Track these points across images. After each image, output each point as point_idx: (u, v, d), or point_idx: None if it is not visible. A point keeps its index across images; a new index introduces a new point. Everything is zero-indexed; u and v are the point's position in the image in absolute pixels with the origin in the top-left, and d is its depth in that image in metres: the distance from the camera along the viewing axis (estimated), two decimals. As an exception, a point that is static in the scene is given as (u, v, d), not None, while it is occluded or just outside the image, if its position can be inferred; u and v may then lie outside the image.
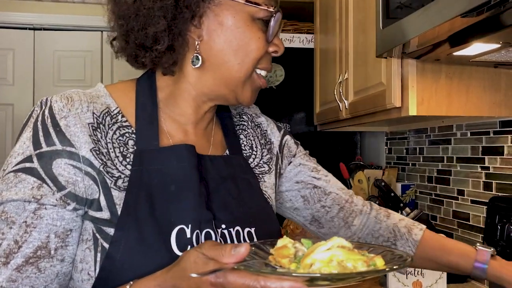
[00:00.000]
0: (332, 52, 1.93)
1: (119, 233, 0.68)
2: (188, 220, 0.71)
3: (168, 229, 0.70)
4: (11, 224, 0.65)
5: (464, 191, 1.63)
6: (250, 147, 0.91)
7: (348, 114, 1.72)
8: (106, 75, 3.14)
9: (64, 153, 0.68)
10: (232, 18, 0.75)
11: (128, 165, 0.73)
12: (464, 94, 1.30)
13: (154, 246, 0.69)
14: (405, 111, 1.29)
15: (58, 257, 0.68)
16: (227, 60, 0.76)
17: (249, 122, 0.94)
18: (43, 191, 0.67)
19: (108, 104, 0.76)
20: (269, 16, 0.76)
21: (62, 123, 0.69)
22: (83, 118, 0.71)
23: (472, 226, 1.59)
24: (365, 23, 1.56)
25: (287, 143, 0.97)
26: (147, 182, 0.72)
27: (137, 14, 0.72)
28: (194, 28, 0.75)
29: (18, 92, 3.08)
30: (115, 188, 0.71)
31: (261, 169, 0.90)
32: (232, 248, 0.55)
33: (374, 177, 1.92)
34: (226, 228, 0.76)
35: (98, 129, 0.72)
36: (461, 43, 1.04)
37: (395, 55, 1.25)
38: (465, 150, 1.62)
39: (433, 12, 0.93)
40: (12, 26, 3.07)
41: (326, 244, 0.56)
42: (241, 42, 0.75)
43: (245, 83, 0.78)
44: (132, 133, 0.75)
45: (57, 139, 0.69)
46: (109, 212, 0.70)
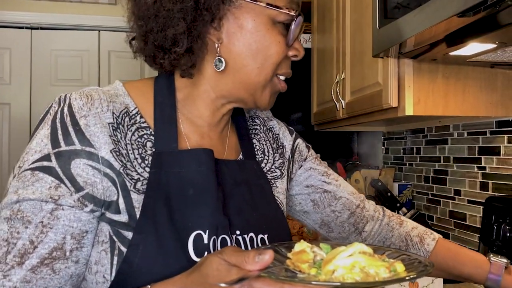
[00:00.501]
0: (329, 51, 1.93)
1: (138, 236, 0.67)
2: (206, 226, 0.70)
3: (185, 234, 0.69)
4: (27, 223, 0.64)
5: (460, 191, 1.63)
6: (262, 151, 0.89)
7: (345, 114, 1.72)
8: (103, 75, 3.13)
9: (83, 153, 0.67)
10: (253, 21, 0.74)
11: (146, 168, 0.71)
12: (460, 94, 1.31)
13: (172, 251, 0.68)
14: (402, 111, 1.29)
15: (73, 258, 0.66)
16: (246, 63, 0.75)
17: (261, 126, 0.93)
18: (60, 192, 0.65)
19: (127, 103, 0.74)
20: (290, 20, 0.74)
21: (82, 122, 0.68)
22: (103, 118, 0.69)
23: (468, 226, 1.59)
24: (361, 23, 1.56)
25: (299, 147, 0.97)
26: (166, 185, 0.71)
27: (157, 15, 0.71)
28: (213, 30, 0.74)
29: (15, 91, 3.07)
30: (134, 191, 0.69)
31: (273, 174, 0.88)
32: (256, 255, 0.54)
33: (371, 177, 1.92)
34: (240, 234, 0.75)
35: (118, 130, 0.71)
36: (458, 43, 1.04)
37: (392, 55, 1.25)
38: (461, 150, 1.63)
39: (429, 11, 0.93)
40: (9, 25, 3.06)
41: (348, 250, 0.55)
42: (261, 46, 0.74)
43: (265, 87, 0.77)
44: (150, 134, 0.74)
45: (76, 138, 0.67)
46: (128, 215, 0.68)
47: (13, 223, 0.64)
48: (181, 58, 0.73)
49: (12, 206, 0.65)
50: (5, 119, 3.06)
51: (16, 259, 0.63)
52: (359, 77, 1.58)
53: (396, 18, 1.08)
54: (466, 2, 0.81)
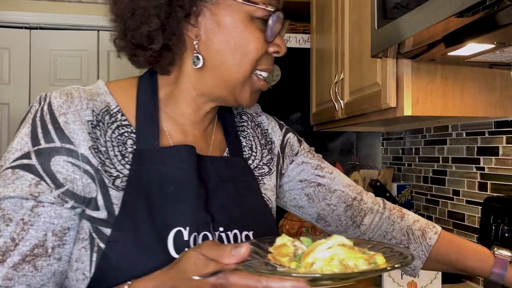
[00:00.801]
0: (328, 52, 1.93)
1: (116, 233, 0.68)
2: (186, 223, 0.71)
3: (165, 231, 0.69)
4: (8, 221, 0.64)
5: (459, 191, 1.63)
6: (249, 148, 0.89)
7: (344, 114, 1.72)
8: (102, 75, 3.13)
9: (63, 150, 0.67)
10: (230, 17, 0.74)
11: (126, 165, 0.72)
12: (459, 94, 1.31)
13: (151, 247, 0.68)
14: (400, 111, 1.29)
15: (55, 255, 0.67)
16: (225, 60, 0.75)
17: (249, 122, 0.93)
18: (41, 189, 0.66)
19: (108, 102, 0.75)
20: (268, 16, 0.74)
21: (61, 120, 0.68)
22: (83, 116, 0.70)
23: (467, 226, 1.59)
24: (360, 23, 1.56)
25: (289, 142, 0.95)
26: (146, 182, 0.71)
27: (133, 13, 0.72)
28: (191, 27, 0.74)
29: (14, 91, 3.07)
30: (113, 188, 0.70)
31: (260, 171, 0.88)
32: (233, 248, 0.54)
33: (370, 177, 1.92)
34: (224, 231, 0.75)
35: (97, 127, 0.71)
36: (456, 43, 1.04)
37: (390, 55, 1.25)
38: (460, 151, 1.63)
39: (428, 11, 0.93)
40: (8, 25, 3.06)
41: (327, 242, 0.56)
42: (239, 42, 0.74)
43: (244, 84, 0.76)
44: (131, 132, 0.75)
45: (56, 136, 0.68)
46: (106, 212, 0.69)
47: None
48: (158, 56, 0.74)
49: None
50: (4, 119, 3.06)
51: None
52: (358, 77, 1.58)
53: (395, 18, 1.08)
54: (464, 2, 0.81)
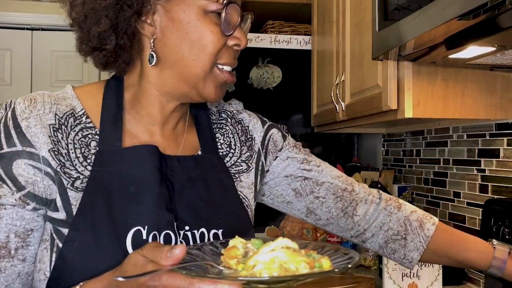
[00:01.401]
0: (329, 53, 1.93)
1: (73, 233, 0.69)
2: (145, 222, 0.71)
3: (124, 230, 0.70)
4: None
5: (460, 193, 1.64)
6: (228, 145, 0.88)
7: (344, 116, 1.72)
8: (103, 76, 3.13)
9: (24, 153, 0.69)
10: (183, 12, 0.73)
11: (88, 166, 0.73)
12: (459, 96, 1.31)
13: (109, 247, 0.68)
14: (401, 113, 1.30)
15: (19, 256, 0.68)
16: (182, 56, 0.74)
17: (228, 119, 0.91)
18: (2, 192, 0.68)
19: (74, 106, 0.76)
20: (221, 8, 0.73)
21: (23, 124, 0.70)
22: (44, 120, 0.71)
23: (468, 228, 1.59)
24: (361, 25, 1.57)
25: (273, 137, 0.93)
26: (107, 183, 0.72)
27: (86, 16, 0.73)
28: (147, 26, 0.74)
29: (15, 92, 3.07)
30: (72, 189, 0.71)
31: (238, 168, 0.87)
32: (169, 250, 0.54)
33: (371, 179, 1.92)
34: (190, 230, 0.75)
35: (60, 130, 0.72)
36: (457, 46, 1.04)
37: (391, 57, 1.25)
38: (461, 153, 1.63)
39: (429, 14, 0.93)
40: (10, 26, 3.07)
41: (270, 245, 0.56)
42: (194, 37, 0.73)
43: (206, 79, 0.75)
44: (95, 134, 0.75)
45: (17, 140, 0.69)
46: (65, 213, 0.70)
47: None
48: (114, 56, 0.75)
49: None
50: (6, 119, 3.07)
51: None
52: (358, 79, 1.58)
53: (396, 21, 1.08)
54: (465, 5, 0.81)
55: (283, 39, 2.22)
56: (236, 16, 0.75)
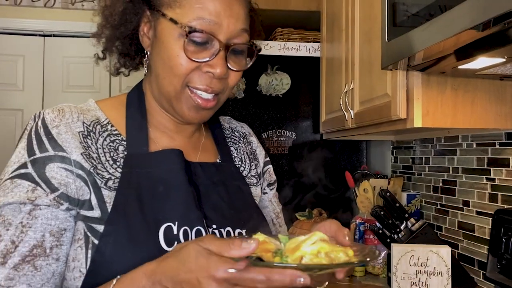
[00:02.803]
0: (338, 61, 1.94)
1: (109, 228, 0.72)
2: (175, 218, 0.75)
3: (155, 226, 0.74)
4: (8, 225, 0.69)
5: (469, 202, 1.63)
6: (240, 159, 0.95)
7: (353, 124, 1.73)
8: (114, 82, 3.16)
9: (56, 157, 0.73)
10: (162, 32, 0.78)
11: (118, 168, 0.77)
12: (469, 106, 1.31)
13: (143, 241, 0.72)
14: (410, 122, 1.30)
15: (53, 255, 0.71)
16: (158, 73, 0.79)
17: (241, 138, 0.99)
18: (37, 193, 0.71)
19: (98, 116, 0.82)
20: (184, 35, 0.75)
21: (54, 131, 0.75)
22: (74, 127, 0.76)
23: (477, 237, 1.58)
24: (371, 34, 1.57)
25: (269, 171, 1.02)
26: (136, 183, 0.76)
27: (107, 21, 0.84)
28: (146, 38, 0.82)
29: (27, 97, 3.11)
30: (106, 188, 0.75)
31: (249, 180, 0.94)
32: (242, 241, 0.56)
33: (379, 187, 1.92)
34: (217, 228, 0.79)
35: (89, 137, 0.77)
36: (467, 57, 1.04)
37: (401, 67, 1.26)
38: (470, 161, 1.62)
39: (439, 26, 0.94)
40: (23, 32, 3.11)
41: (311, 238, 0.62)
42: (165, 56, 0.77)
43: (178, 98, 0.79)
44: (122, 140, 0.81)
45: (49, 145, 0.74)
46: (100, 210, 0.74)
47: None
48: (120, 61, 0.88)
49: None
50: (18, 124, 3.10)
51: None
52: (368, 87, 1.59)
53: (405, 31, 1.09)
54: (476, 18, 0.81)
55: (292, 46, 2.24)
56: (210, 44, 0.77)
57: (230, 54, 0.79)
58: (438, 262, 1.42)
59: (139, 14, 0.81)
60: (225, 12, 0.76)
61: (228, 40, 0.77)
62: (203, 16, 0.75)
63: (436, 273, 1.43)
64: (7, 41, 3.10)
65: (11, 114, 3.10)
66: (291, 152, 2.28)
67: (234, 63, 0.80)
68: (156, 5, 0.79)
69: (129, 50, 0.87)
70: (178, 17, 0.76)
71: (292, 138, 2.28)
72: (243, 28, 0.79)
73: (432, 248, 1.44)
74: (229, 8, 0.77)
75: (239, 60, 0.81)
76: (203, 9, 0.75)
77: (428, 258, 1.44)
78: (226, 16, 0.76)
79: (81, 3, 3.14)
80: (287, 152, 2.28)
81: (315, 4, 2.28)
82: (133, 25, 0.82)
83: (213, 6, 0.75)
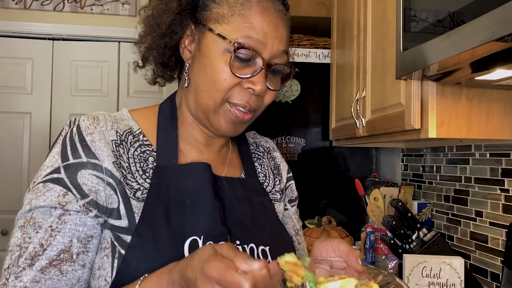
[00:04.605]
0: (349, 68, 1.92)
1: (136, 239, 0.73)
2: (200, 232, 0.75)
3: (181, 239, 0.74)
4: (38, 228, 0.70)
5: (482, 212, 1.61)
6: (264, 174, 0.96)
7: (365, 132, 1.71)
8: (122, 85, 3.16)
9: (89, 164, 0.74)
10: (207, 46, 0.80)
11: (147, 179, 0.78)
12: (484, 116, 1.29)
13: (169, 253, 0.72)
14: (425, 133, 1.28)
15: (79, 261, 0.72)
16: (199, 85, 0.81)
17: (265, 153, 1.00)
18: (68, 199, 0.72)
19: (131, 126, 0.83)
20: (232, 51, 0.77)
21: (88, 138, 0.76)
22: (107, 136, 0.78)
23: (490, 248, 1.56)
24: (383, 42, 1.56)
25: (291, 187, 1.03)
26: (165, 195, 0.77)
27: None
28: (187, 51, 0.84)
29: (36, 101, 3.12)
30: (134, 199, 0.76)
31: (273, 196, 0.95)
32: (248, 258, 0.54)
33: (390, 195, 1.91)
34: (240, 244, 0.79)
35: (121, 146, 0.79)
36: (484, 69, 1.03)
37: (415, 77, 1.25)
38: (483, 171, 1.60)
39: (455, 39, 0.92)
40: (32, 36, 3.12)
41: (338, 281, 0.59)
42: (208, 70, 0.79)
43: (216, 112, 0.81)
44: (152, 151, 0.82)
45: (83, 152, 0.75)
46: (128, 220, 0.74)
47: (25, 230, 0.71)
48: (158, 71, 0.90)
49: (26, 214, 0.72)
50: (26, 127, 3.11)
51: (27, 261, 0.68)
52: (380, 96, 1.58)
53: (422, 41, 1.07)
54: (498, 30, 0.80)
55: (302, 53, 2.23)
56: (253, 62, 0.79)
57: (269, 73, 0.81)
58: (451, 274, 1.41)
59: (184, 26, 0.83)
60: (272, 33, 0.79)
61: (270, 60, 0.80)
62: (251, 35, 0.77)
63: (449, 285, 1.42)
64: (16, 44, 3.10)
65: (19, 117, 3.11)
66: (300, 159, 2.27)
67: (272, 82, 0.82)
68: (203, 20, 0.81)
69: (169, 61, 0.88)
70: (226, 33, 0.78)
71: (301, 144, 2.27)
72: (284, 49, 0.82)
73: (445, 260, 1.42)
74: (275, 30, 0.80)
75: (276, 80, 0.84)
76: (251, 28, 0.78)
77: (441, 270, 1.42)
78: (272, 37, 0.79)
79: (90, 7, 3.14)
80: (297, 158, 2.26)
81: (325, 10, 2.27)
82: (178, 36, 0.84)
83: (261, 26, 0.78)
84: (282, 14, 0.82)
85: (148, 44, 0.86)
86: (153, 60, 0.88)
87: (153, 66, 0.89)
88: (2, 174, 3.04)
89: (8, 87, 3.10)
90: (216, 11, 0.79)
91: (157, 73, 0.90)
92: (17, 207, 0.74)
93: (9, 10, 3.07)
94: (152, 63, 0.89)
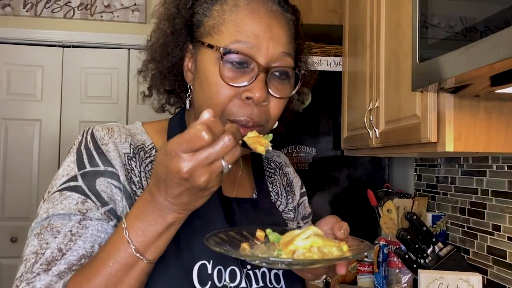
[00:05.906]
0: (361, 77, 1.89)
1: None
2: (210, 256, 0.72)
3: (190, 263, 0.71)
4: (56, 233, 0.67)
5: (500, 226, 1.56)
6: (276, 193, 0.92)
7: (378, 143, 1.67)
8: (132, 93, 3.15)
9: (107, 173, 0.72)
10: (200, 61, 0.77)
11: None
12: (503, 129, 1.25)
13: (176, 277, 0.70)
14: (442, 146, 1.25)
15: None
16: (199, 104, 0.77)
17: (277, 169, 0.96)
18: (87, 206, 0.69)
19: (144, 140, 0.80)
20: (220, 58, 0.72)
21: (103, 147, 0.74)
22: (120, 148, 0.75)
23: (509, 264, 1.52)
24: (398, 51, 1.52)
25: (304, 204, 0.99)
26: None
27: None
28: (189, 73, 0.80)
29: (45, 108, 3.12)
30: None
31: (286, 215, 0.90)
32: None
33: (403, 207, 1.87)
34: (251, 269, 0.76)
35: (133, 159, 0.76)
36: (503, 83, 0.99)
37: (431, 90, 1.21)
38: (501, 184, 1.56)
39: (474, 54, 0.89)
40: (42, 43, 3.12)
41: (306, 232, 0.63)
42: (204, 86, 0.75)
43: None
44: None
45: (99, 160, 0.73)
46: None
47: (42, 236, 0.67)
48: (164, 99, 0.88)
49: (42, 222, 0.68)
50: (36, 134, 3.11)
51: (42, 267, 0.64)
52: (395, 106, 1.54)
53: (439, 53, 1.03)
54: None
55: (313, 61, 2.19)
56: (248, 68, 0.73)
57: (272, 79, 0.75)
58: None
59: (179, 46, 0.80)
60: (265, 35, 0.73)
61: (268, 63, 0.73)
62: (240, 39, 0.72)
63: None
64: (27, 51, 3.11)
65: (29, 124, 3.11)
66: (311, 168, 2.23)
67: (277, 89, 0.75)
68: (198, 37, 0.78)
69: (175, 87, 0.85)
70: (216, 42, 0.74)
71: (312, 154, 2.24)
72: (284, 51, 0.75)
73: (462, 276, 1.38)
74: (269, 31, 0.74)
75: (283, 87, 0.77)
76: (240, 32, 0.73)
77: (458, 287, 1.38)
78: (266, 39, 0.73)
79: (100, 14, 3.14)
80: (307, 168, 2.23)
81: (337, 17, 2.24)
82: (176, 59, 0.80)
83: (251, 29, 0.73)
84: (278, 14, 0.76)
85: (152, 72, 0.84)
86: (157, 87, 0.85)
87: (159, 94, 0.87)
88: (12, 181, 3.04)
89: (19, 94, 3.11)
90: (209, 24, 0.76)
91: (164, 100, 0.88)
92: (27, 214, 0.71)
93: (19, 18, 3.08)
94: (158, 90, 0.86)
